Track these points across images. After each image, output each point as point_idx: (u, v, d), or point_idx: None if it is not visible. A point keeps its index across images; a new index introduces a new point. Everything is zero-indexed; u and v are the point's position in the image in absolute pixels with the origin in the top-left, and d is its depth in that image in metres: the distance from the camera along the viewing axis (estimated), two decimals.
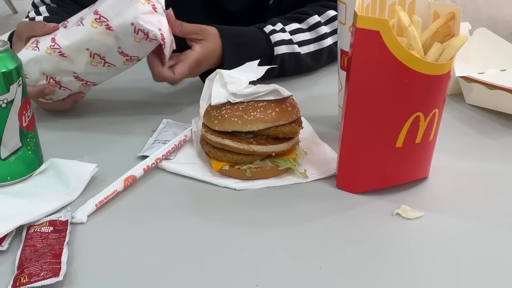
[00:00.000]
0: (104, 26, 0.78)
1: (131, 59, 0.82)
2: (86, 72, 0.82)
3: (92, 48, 0.79)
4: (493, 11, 1.54)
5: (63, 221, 0.63)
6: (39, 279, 0.53)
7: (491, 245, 0.60)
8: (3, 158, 0.69)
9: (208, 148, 0.73)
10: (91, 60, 0.80)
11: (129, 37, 0.78)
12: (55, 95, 0.86)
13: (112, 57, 0.81)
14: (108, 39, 0.78)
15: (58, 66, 0.81)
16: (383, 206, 0.66)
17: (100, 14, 0.78)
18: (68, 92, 0.86)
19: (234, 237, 0.62)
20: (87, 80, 0.84)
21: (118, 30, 0.78)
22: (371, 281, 0.55)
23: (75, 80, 0.83)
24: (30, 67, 0.81)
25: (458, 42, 0.62)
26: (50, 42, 0.81)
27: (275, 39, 1.00)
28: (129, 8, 0.77)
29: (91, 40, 0.79)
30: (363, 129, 0.65)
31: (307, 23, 1.03)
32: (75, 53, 0.80)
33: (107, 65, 0.81)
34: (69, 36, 0.80)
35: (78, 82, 0.84)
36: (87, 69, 0.82)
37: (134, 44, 0.79)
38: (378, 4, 0.73)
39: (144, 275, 0.56)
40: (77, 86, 0.85)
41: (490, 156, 0.79)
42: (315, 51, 1.04)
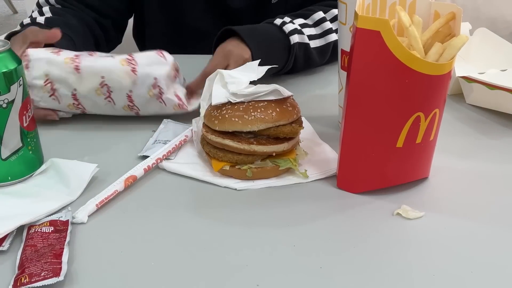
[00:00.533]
0: (130, 67, 0.81)
1: (131, 107, 0.85)
2: (85, 96, 0.83)
3: (106, 79, 0.82)
4: (493, 11, 1.54)
5: (64, 221, 0.63)
6: (40, 279, 0.53)
7: (491, 245, 0.60)
8: (4, 158, 0.69)
9: (208, 148, 0.73)
10: (98, 88, 0.82)
11: (145, 88, 0.82)
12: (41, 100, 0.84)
13: (118, 96, 0.83)
14: (127, 79, 0.81)
15: (65, 77, 0.82)
16: (384, 206, 0.66)
17: (133, 57, 0.82)
18: (54, 104, 0.84)
19: (235, 237, 0.62)
20: (80, 103, 0.84)
21: (140, 77, 0.81)
22: (372, 281, 0.55)
23: (70, 97, 0.83)
24: (39, 64, 0.82)
25: (458, 42, 0.62)
26: (72, 55, 0.83)
27: (288, 29, 1.00)
28: (159, 65, 0.82)
29: (112, 72, 0.81)
30: (363, 129, 0.65)
31: (312, 19, 1.04)
32: (89, 75, 0.82)
33: (108, 100, 0.83)
34: (95, 60, 0.83)
35: (71, 100, 0.84)
36: (89, 93, 0.83)
37: (145, 96, 0.83)
38: (379, 4, 0.73)
39: (145, 275, 0.56)
40: (66, 104, 0.84)
41: (490, 156, 0.79)
42: (321, 46, 1.04)
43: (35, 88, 0.82)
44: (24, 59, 0.81)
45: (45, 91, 0.82)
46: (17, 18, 4.55)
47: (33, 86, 0.82)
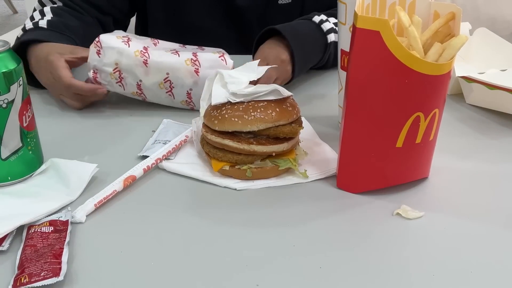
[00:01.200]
0: (194, 68, 0.88)
1: (188, 103, 0.91)
2: (149, 87, 0.89)
3: (171, 75, 0.88)
4: (493, 11, 1.54)
5: (64, 221, 0.63)
6: (40, 279, 0.53)
7: (491, 245, 0.60)
8: (4, 158, 0.69)
9: (208, 148, 0.73)
10: (161, 82, 0.88)
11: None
12: (108, 84, 0.89)
13: (178, 91, 0.89)
14: (189, 79, 0.88)
15: (133, 68, 0.87)
16: (384, 206, 0.66)
17: (197, 58, 0.88)
18: (119, 89, 0.90)
19: (235, 237, 0.62)
20: (143, 93, 0.90)
21: (201, 78, 0.87)
22: (372, 280, 0.55)
23: (135, 86, 0.89)
24: (110, 52, 0.87)
25: (458, 42, 0.62)
26: (141, 48, 0.88)
27: (326, 28, 1.00)
28: (221, 68, 0.85)
29: (177, 70, 0.88)
30: (363, 129, 0.65)
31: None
32: (155, 70, 0.88)
33: (168, 93, 0.90)
34: (162, 56, 0.88)
35: (135, 88, 0.89)
36: (152, 86, 0.89)
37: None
38: (378, 4, 0.73)
39: (145, 275, 0.56)
40: (130, 91, 0.90)
41: (490, 156, 0.79)
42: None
43: (103, 73, 0.88)
44: (96, 45, 0.87)
45: (113, 77, 0.88)
46: (17, 18, 4.55)
47: (101, 71, 0.88)
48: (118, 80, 0.88)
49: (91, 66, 0.88)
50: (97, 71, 0.88)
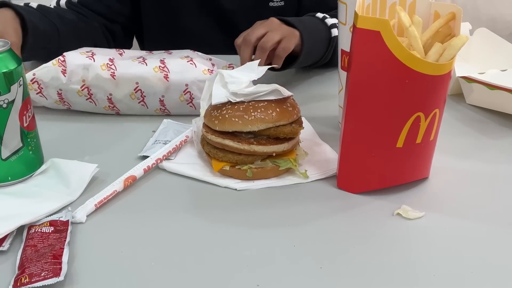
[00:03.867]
0: (163, 74, 0.86)
1: (163, 110, 0.89)
2: (120, 100, 0.87)
3: (141, 85, 0.86)
4: (493, 11, 1.54)
5: (64, 221, 0.63)
6: (40, 279, 0.53)
7: (491, 245, 0.60)
8: (4, 158, 0.69)
9: (208, 148, 0.73)
10: (132, 92, 0.87)
11: (177, 93, 0.87)
12: (76, 103, 0.88)
13: (151, 100, 0.88)
14: (160, 85, 0.86)
15: (102, 82, 0.86)
16: (384, 206, 0.66)
17: (165, 64, 0.87)
18: (90, 106, 0.88)
19: (235, 237, 0.62)
20: (115, 106, 0.88)
21: (172, 83, 0.86)
22: (372, 281, 0.55)
23: (106, 100, 0.87)
24: (76, 68, 0.85)
25: (458, 42, 0.62)
26: (107, 61, 0.87)
27: (329, 22, 1.00)
28: (191, 71, 0.86)
29: (146, 79, 0.86)
30: (363, 129, 0.65)
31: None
32: (124, 81, 0.86)
33: (141, 104, 0.88)
34: (129, 66, 0.86)
35: (106, 103, 0.88)
36: (124, 98, 0.87)
37: (176, 100, 0.87)
38: (379, 4, 0.73)
39: (145, 275, 0.56)
40: (102, 106, 0.88)
41: (490, 156, 0.79)
42: None
43: (69, 92, 0.86)
44: (61, 64, 0.85)
45: (81, 94, 0.86)
46: None
47: (69, 90, 0.86)
48: (88, 97, 0.87)
49: (55, 87, 0.86)
50: (61, 91, 0.86)
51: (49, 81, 0.86)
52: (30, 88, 0.85)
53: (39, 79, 0.86)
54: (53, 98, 0.87)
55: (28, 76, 0.84)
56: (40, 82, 0.86)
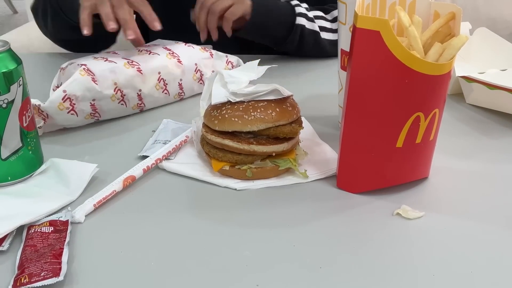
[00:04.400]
0: (176, 59, 0.93)
1: (180, 94, 0.95)
2: (148, 94, 0.90)
3: (162, 74, 0.91)
4: (493, 11, 1.54)
5: (64, 221, 0.63)
6: (40, 279, 0.53)
7: (491, 245, 0.60)
8: (4, 158, 0.69)
9: (208, 148, 0.73)
10: (157, 83, 0.91)
11: (191, 73, 0.95)
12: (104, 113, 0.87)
13: (172, 86, 0.93)
14: (177, 70, 0.93)
15: (131, 80, 0.87)
16: (384, 206, 0.66)
17: (172, 51, 0.94)
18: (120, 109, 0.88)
19: (235, 237, 0.62)
20: (143, 102, 0.90)
21: (185, 65, 0.94)
22: (371, 281, 0.55)
23: (136, 98, 0.89)
24: (104, 73, 0.85)
25: (458, 42, 0.62)
26: (125, 60, 0.89)
27: (298, 10, 1.05)
28: (193, 52, 0.97)
29: (165, 67, 0.91)
30: (363, 129, 0.65)
31: (332, 15, 1.10)
32: (149, 73, 0.90)
33: (164, 92, 0.92)
34: (147, 59, 0.91)
35: (136, 100, 0.89)
36: (151, 90, 0.90)
37: (190, 81, 0.95)
38: (379, 4, 0.73)
39: (144, 275, 0.56)
40: (131, 107, 0.90)
41: (490, 156, 0.79)
42: (333, 41, 1.08)
43: (103, 100, 0.85)
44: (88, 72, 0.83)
45: (115, 99, 0.86)
46: (17, 18, 4.55)
47: (102, 97, 0.84)
48: (121, 99, 0.87)
49: (88, 99, 0.83)
50: (94, 101, 0.84)
51: (83, 93, 0.82)
52: (61, 108, 0.80)
53: (71, 95, 0.81)
54: (85, 112, 0.84)
55: (56, 95, 0.80)
56: (73, 98, 0.81)
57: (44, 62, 1.04)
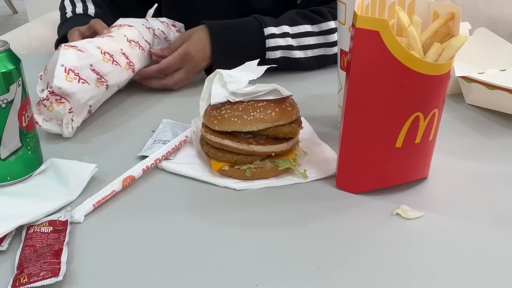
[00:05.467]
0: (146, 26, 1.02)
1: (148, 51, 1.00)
2: (129, 52, 0.94)
3: (128, 36, 0.96)
4: (493, 11, 1.54)
5: (63, 221, 0.63)
6: (39, 279, 0.53)
7: (491, 245, 0.60)
8: (3, 158, 0.69)
9: (207, 148, 0.73)
10: (129, 43, 0.95)
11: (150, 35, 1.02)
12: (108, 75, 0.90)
13: (143, 43, 0.98)
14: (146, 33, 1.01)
15: (108, 43, 0.91)
16: (383, 206, 0.66)
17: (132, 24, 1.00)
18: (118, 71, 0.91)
19: (234, 237, 0.62)
20: (130, 60, 0.94)
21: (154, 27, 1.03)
22: (371, 281, 0.55)
23: (123, 57, 0.93)
24: (84, 44, 0.89)
25: (457, 42, 0.62)
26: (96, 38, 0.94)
27: (270, 44, 1.01)
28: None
29: (129, 31, 0.97)
30: (362, 129, 0.65)
31: (320, 27, 1.04)
32: (119, 37, 0.95)
33: (140, 48, 0.97)
34: (111, 33, 0.95)
35: (124, 59, 0.93)
36: (128, 49, 0.94)
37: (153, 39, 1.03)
38: (378, 4, 0.73)
39: (144, 275, 0.56)
40: (124, 66, 0.93)
41: (490, 156, 0.79)
42: (320, 56, 1.05)
43: (99, 63, 0.88)
44: (71, 47, 0.85)
45: (107, 60, 0.89)
46: (17, 18, 4.56)
47: (96, 61, 0.87)
48: (111, 59, 0.90)
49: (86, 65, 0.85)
50: (92, 66, 0.86)
51: (78, 62, 0.84)
52: (69, 80, 0.81)
53: (70, 66, 0.83)
54: (92, 78, 0.85)
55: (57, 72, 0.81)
56: (73, 68, 0.83)
57: (44, 62, 1.04)
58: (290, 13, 1.05)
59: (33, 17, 2.45)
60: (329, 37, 1.04)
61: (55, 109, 0.80)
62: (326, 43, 1.04)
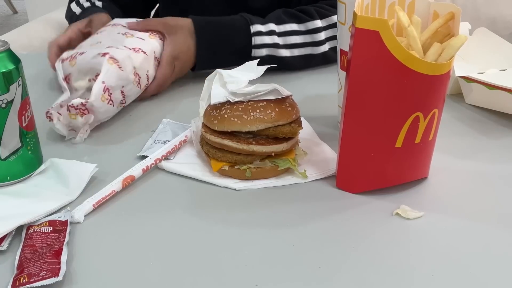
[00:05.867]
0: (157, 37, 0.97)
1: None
2: (152, 74, 0.94)
3: (156, 53, 0.96)
4: (493, 11, 1.54)
5: (63, 221, 0.63)
6: (39, 279, 0.53)
7: (491, 245, 0.60)
8: (3, 158, 0.69)
9: (207, 148, 0.73)
10: (154, 63, 0.95)
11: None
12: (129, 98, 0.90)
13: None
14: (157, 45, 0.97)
15: (143, 63, 0.91)
16: (383, 206, 0.66)
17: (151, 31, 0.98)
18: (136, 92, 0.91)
19: (234, 237, 0.62)
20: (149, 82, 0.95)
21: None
22: (371, 281, 0.55)
23: (145, 79, 0.92)
24: (125, 61, 0.87)
25: (457, 42, 0.62)
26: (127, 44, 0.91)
27: (256, 41, 1.01)
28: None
29: (157, 47, 0.96)
30: (362, 129, 0.65)
31: (306, 26, 1.04)
32: (150, 54, 0.93)
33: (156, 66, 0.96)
34: (140, 43, 0.93)
35: (145, 81, 0.93)
36: (152, 71, 0.95)
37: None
38: (378, 4, 0.73)
39: (144, 275, 0.56)
40: (142, 87, 0.92)
41: (490, 156, 0.79)
42: (307, 55, 1.05)
43: (129, 85, 0.87)
44: (114, 61, 0.85)
45: (135, 83, 0.89)
46: (17, 18, 4.56)
47: (127, 83, 0.87)
48: (138, 82, 0.89)
49: (119, 86, 0.85)
50: (123, 88, 0.86)
51: (116, 82, 0.84)
52: (103, 100, 0.82)
53: (109, 86, 0.83)
54: (118, 100, 0.86)
55: (97, 88, 0.81)
56: (110, 88, 0.83)
57: (44, 62, 1.04)
58: (277, 12, 1.05)
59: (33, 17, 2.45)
60: (316, 36, 1.04)
61: (78, 119, 0.81)
62: (313, 42, 1.04)
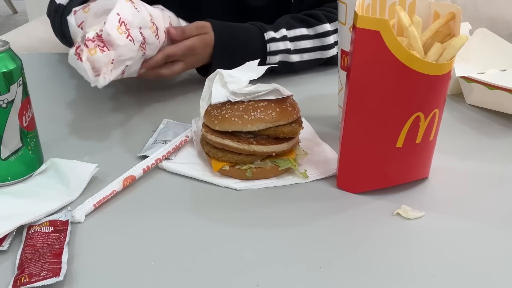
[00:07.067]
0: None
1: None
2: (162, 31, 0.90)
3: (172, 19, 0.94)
4: (493, 11, 1.54)
5: (64, 221, 0.63)
6: (40, 279, 0.53)
7: (491, 245, 0.60)
8: (4, 158, 0.69)
9: (208, 148, 0.73)
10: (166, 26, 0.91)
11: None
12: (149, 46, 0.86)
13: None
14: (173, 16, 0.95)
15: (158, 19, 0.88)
16: (384, 206, 0.66)
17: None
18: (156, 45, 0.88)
19: (235, 237, 0.62)
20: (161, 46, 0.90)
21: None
22: (371, 281, 0.55)
23: (163, 33, 0.89)
24: (140, 4, 0.85)
25: (458, 42, 0.62)
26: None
27: (271, 48, 1.01)
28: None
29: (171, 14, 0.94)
30: (363, 129, 0.65)
31: (315, 30, 1.04)
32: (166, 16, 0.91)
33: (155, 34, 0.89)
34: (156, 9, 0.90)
35: (163, 35, 0.89)
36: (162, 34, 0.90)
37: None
38: (379, 4, 0.73)
39: (144, 275, 0.56)
40: (160, 41, 0.89)
41: (490, 156, 0.79)
42: (316, 59, 1.05)
43: (146, 29, 0.84)
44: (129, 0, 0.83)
45: (153, 30, 0.85)
46: (17, 18, 4.55)
47: (145, 26, 0.83)
48: (156, 32, 0.86)
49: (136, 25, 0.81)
50: (141, 30, 0.82)
51: (132, 18, 0.81)
52: (120, 32, 0.78)
53: (124, 19, 0.79)
54: (138, 40, 0.82)
55: (112, 18, 0.78)
56: (126, 22, 0.80)
57: (44, 62, 1.04)
58: (285, 18, 1.05)
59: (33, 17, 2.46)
60: (325, 39, 1.04)
61: (97, 55, 0.77)
62: (322, 46, 1.04)
